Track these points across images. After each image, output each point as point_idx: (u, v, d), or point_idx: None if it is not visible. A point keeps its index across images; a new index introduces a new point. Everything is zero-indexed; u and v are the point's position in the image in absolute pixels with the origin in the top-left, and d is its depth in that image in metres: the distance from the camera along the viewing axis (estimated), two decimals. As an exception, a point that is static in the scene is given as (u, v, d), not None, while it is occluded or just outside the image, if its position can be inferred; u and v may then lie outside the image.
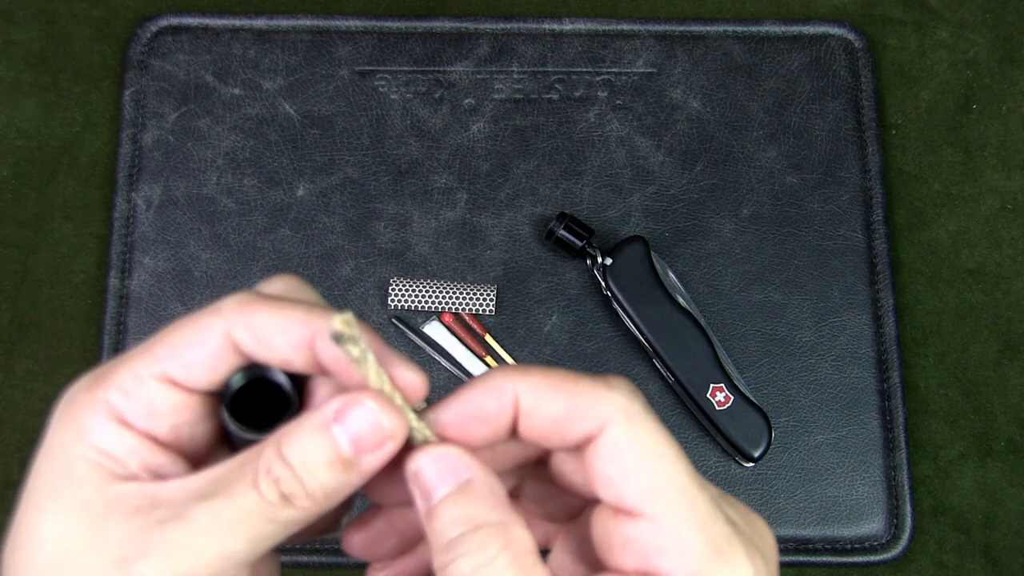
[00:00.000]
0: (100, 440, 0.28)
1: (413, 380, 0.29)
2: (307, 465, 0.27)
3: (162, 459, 0.29)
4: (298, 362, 0.29)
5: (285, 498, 0.27)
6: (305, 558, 0.58)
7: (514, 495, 0.33)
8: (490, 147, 0.65)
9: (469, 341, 0.62)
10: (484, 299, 0.62)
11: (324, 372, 0.29)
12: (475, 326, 0.62)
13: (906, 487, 0.60)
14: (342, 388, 0.29)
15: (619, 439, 0.27)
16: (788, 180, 0.65)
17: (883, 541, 0.60)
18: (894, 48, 0.68)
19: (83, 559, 0.27)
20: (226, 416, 0.29)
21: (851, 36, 0.67)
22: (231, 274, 0.62)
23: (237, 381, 0.29)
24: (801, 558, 0.59)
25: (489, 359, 0.62)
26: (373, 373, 0.28)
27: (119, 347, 0.61)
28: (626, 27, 0.67)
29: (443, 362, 0.61)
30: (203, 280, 0.62)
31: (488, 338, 0.62)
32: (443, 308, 0.62)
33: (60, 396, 0.29)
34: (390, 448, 0.28)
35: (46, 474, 0.28)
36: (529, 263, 0.63)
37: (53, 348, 0.62)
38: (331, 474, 0.28)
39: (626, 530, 0.27)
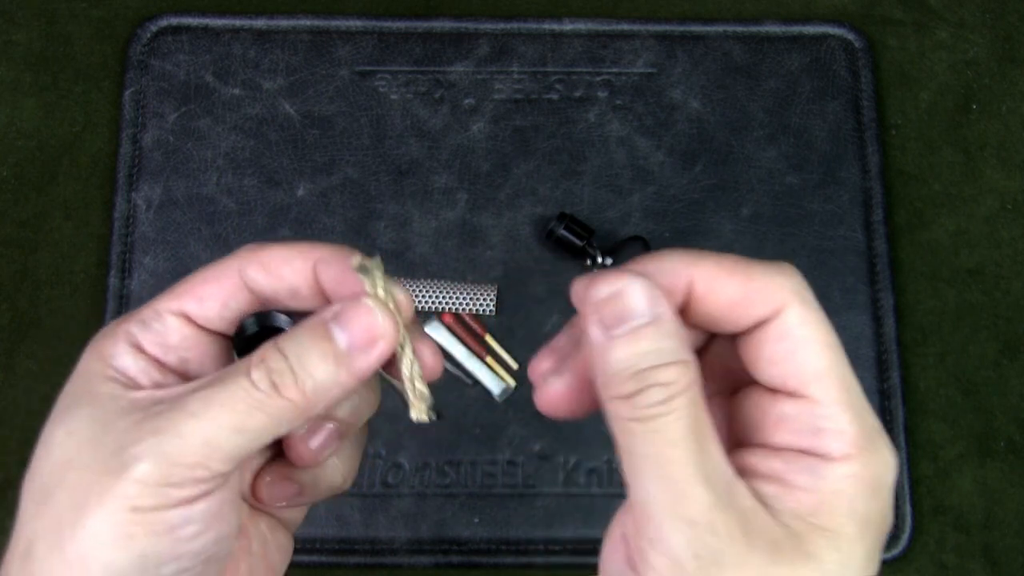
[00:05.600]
0: (118, 361, 0.31)
1: (429, 358, 0.33)
2: (300, 356, 0.29)
3: (171, 380, 0.32)
4: (304, 289, 0.32)
5: (275, 387, 0.29)
6: (306, 558, 0.58)
7: None
8: (490, 147, 0.65)
9: (469, 341, 0.62)
10: (484, 299, 0.62)
11: (326, 301, 0.32)
12: (475, 326, 0.62)
13: (906, 487, 0.60)
14: None
15: (793, 322, 0.28)
16: (788, 180, 0.65)
17: (883, 541, 0.60)
18: (894, 48, 0.68)
19: (87, 454, 0.29)
20: (235, 355, 0.32)
21: (851, 36, 0.67)
22: (231, 274, 0.62)
23: (250, 325, 0.32)
24: (801, 558, 0.59)
25: (489, 359, 0.62)
26: (381, 290, 0.30)
27: (119, 347, 0.61)
28: (626, 27, 0.67)
29: (443, 362, 0.61)
30: (203, 280, 0.62)
31: (488, 338, 0.62)
32: (443, 308, 0.62)
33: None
34: (382, 348, 0.30)
35: (69, 393, 0.31)
36: (529, 263, 0.63)
37: (53, 348, 0.62)
38: (323, 367, 0.29)
39: (784, 408, 0.28)
